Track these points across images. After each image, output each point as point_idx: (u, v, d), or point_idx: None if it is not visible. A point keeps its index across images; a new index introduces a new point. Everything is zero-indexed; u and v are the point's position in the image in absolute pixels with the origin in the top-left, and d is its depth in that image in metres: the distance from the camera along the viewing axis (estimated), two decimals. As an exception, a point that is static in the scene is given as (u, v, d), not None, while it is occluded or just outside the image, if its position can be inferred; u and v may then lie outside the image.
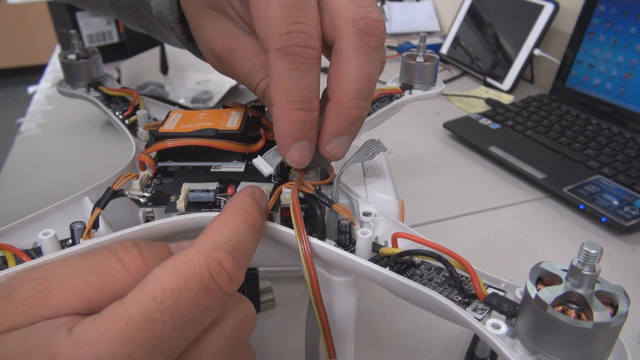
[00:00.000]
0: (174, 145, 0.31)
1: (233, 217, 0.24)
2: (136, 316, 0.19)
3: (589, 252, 0.20)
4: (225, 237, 0.23)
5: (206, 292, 0.20)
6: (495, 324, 0.23)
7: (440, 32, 1.23)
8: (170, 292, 0.20)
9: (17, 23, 2.73)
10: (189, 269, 0.20)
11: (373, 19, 0.26)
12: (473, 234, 0.57)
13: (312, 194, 0.29)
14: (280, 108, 0.25)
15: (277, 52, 0.25)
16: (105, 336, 0.18)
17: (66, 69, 0.47)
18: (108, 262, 0.22)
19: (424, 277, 0.27)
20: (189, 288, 0.20)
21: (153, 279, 0.20)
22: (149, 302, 0.19)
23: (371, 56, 0.26)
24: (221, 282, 0.21)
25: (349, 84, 0.26)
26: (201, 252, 0.21)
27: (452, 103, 0.90)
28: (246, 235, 0.24)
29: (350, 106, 0.26)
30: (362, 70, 0.26)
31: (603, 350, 0.21)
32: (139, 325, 0.19)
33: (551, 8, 0.89)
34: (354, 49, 0.26)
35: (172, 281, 0.20)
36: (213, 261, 0.21)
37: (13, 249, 0.27)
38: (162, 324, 0.19)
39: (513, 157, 0.68)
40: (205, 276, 0.21)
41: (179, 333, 0.20)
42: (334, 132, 0.27)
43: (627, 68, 0.77)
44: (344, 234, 0.29)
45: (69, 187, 0.34)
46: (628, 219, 0.55)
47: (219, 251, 0.22)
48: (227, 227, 0.23)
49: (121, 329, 0.18)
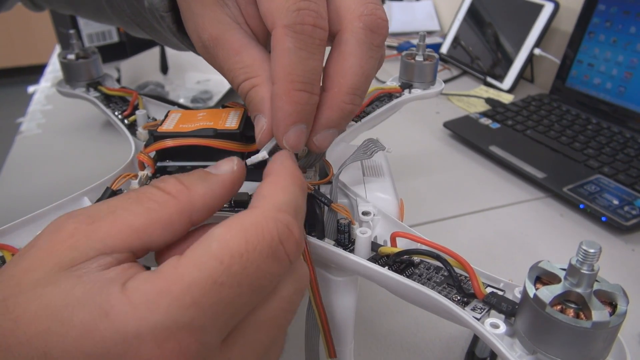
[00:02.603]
0: (173, 145, 0.31)
1: (286, 180, 0.23)
2: (200, 278, 0.17)
3: (587, 251, 0.20)
4: (287, 199, 0.21)
5: (274, 258, 0.19)
6: (494, 324, 0.23)
7: (440, 31, 1.23)
8: (239, 256, 0.18)
9: (17, 23, 2.73)
10: (258, 232, 0.19)
11: (380, 17, 0.26)
12: (473, 233, 0.57)
13: (311, 193, 0.29)
14: (283, 87, 0.24)
15: (284, 28, 0.24)
16: (165, 297, 0.17)
17: (65, 69, 0.47)
18: (149, 191, 0.21)
19: (423, 277, 0.27)
20: (258, 253, 0.19)
21: (218, 239, 0.19)
22: (216, 264, 0.18)
23: (373, 53, 0.26)
24: (289, 249, 0.20)
25: (348, 78, 0.25)
26: (268, 215, 0.20)
27: (452, 102, 0.90)
28: (302, 200, 0.23)
29: (347, 100, 0.26)
30: (363, 67, 0.26)
31: (602, 349, 0.21)
32: (203, 289, 0.17)
33: (551, 7, 0.89)
34: (358, 43, 0.25)
35: (241, 244, 0.19)
36: (282, 225, 0.20)
37: (12, 249, 0.27)
38: (228, 290, 0.18)
39: (513, 156, 0.68)
40: (275, 241, 0.19)
41: (244, 300, 0.19)
42: (325, 124, 0.26)
43: (627, 67, 0.77)
44: (343, 234, 0.29)
45: (68, 187, 0.34)
46: (628, 219, 0.55)
47: (286, 215, 0.20)
48: (285, 190, 0.22)
49: (183, 291, 0.17)
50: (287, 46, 0.24)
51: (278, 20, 0.24)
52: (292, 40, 0.24)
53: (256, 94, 0.27)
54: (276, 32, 0.24)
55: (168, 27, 0.34)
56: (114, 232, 0.19)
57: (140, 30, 0.41)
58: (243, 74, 0.27)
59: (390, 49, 1.15)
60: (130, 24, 0.41)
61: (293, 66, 0.24)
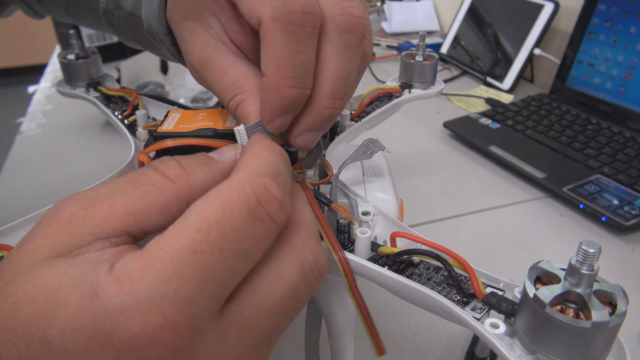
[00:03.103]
0: (172, 145, 0.31)
1: (263, 149, 0.22)
2: (181, 250, 0.17)
3: (587, 251, 0.20)
4: (264, 165, 0.21)
5: (254, 220, 0.19)
6: (494, 324, 0.23)
7: (440, 31, 1.23)
8: (216, 222, 0.18)
9: (17, 23, 2.73)
10: (234, 196, 0.19)
11: (353, 15, 0.24)
12: (473, 233, 0.57)
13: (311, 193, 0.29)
14: (273, 82, 0.24)
15: (272, 21, 0.23)
16: (148, 272, 0.17)
17: (65, 69, 0.47)
18: (148, 174, 0.21)
19: (423, 277, 0.27)
20: (236, 217, 0.18)
21: (195, 210, 0.19)
22: (194, 234, 0.18)
23: (350, 55, 0.25)
24: (270, 209, 0.19)
25: (325, 83, 0.25)
26: (244, 180, 0.20)
27: (452, 102, 0.90)
28: (282, 165, 0.22)
29: (325, 106, 0.25)
30: (340, 70, 0.25)
31: (602, 349, 0.21)
32: (185, 259, 0.17)
33: (551, 7, 0.89)
34: (333, 47, 0.24)
35: (217, 211, 0.18)
36: (259, 187, 0.19)
37: (12, 249, 0.27)
38: (209, 257, 0.18)
39: (513, 156, 0.68)
40: (252, 203, 0.19)
41: (229, 266, 0.18)
42: (305, 127, 0.26)
43: (627, 67, 0.77)
44: (342, 233, 0.29)
45: (68, 187, 0.34)
46: (628, 219, 0.55)
47: (263, 177, 0.20)
48: (261, 157, 0.22)
49: (165, 264, 0.17)
50: (277, 40, 0.23)
51: (264, 13, 0.23)
52: (281, 33, 0.23)
53: (242, 109, 0.27)
54: (264, 25, 0.23)
55: (167, 49, 0.34)
56: (110, 217, 0.19)
57: (139, 46, 0.41)
58: (231, 92, 0.27)
59: (390, 49, 1.15)
60: (129, 40, 0.41)
61: (283, 61, 0.23)
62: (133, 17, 0.37)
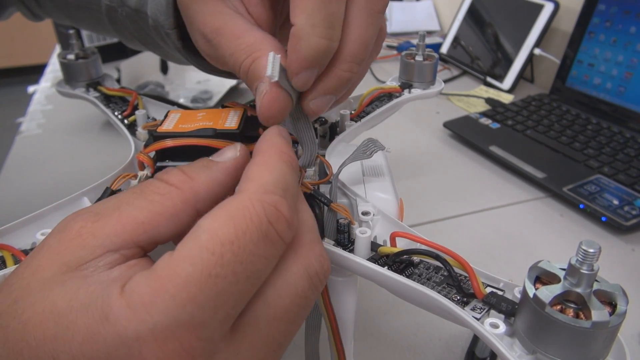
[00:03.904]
0: (172, 145, 0.31)
1: (272, 158, 0.22)
2: (194, 273, 0.17)
3: (587, 251, 0.20)
4: (273, 179, 0.21)
5: (266, 241, 0.19)
6: (494, 323, 0.23)
7: (440, 31, 1.23)
8: (230, 244, 0.18)
9: (17, 23, 2.73)
10: (245, 217, 0.19)
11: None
12: (473, 233, 0.57)
13: (311, 193, 0.29)
14: (303, 30, 0.23)
15: None
16: (161, 297, 0.17)
17: (65, 69, 0.47)
18: (153, 184, 0.21)
19: (423, 276, 0.27)
20: (249, 239, 0.18)
21: (207, 230, 0.18)
22: (208, 256, 0.17)
23: (373, 20, 0.25)
24: (280, 229, 0.19)
25: (348, 45, 0.24)
26: (254, 198, 0.19)
27: (452, 102, 0.90)
28: (290, 176, 0.22)
29: (344, 68, 0.25)
30: (362, 35, 0.24)
31: (602, 349, 0.21)
32: (199, 283, 0.17)
33: (551, 7, 0.89)
34: (359, 9, 0.24)
35: (230, 232, 0.18)
36: (269, 207, 0.19)
37: (12, 249, 0.27)
38: (224, 281, 0.17)
39: (513, 156, 0.68)
40: (264, 224, 0.19)
41: (242, 289, 0.18)
42: (322, 90, 0.26)
43: (627, 67, 0.77)
44: (342, 233, 0.29)
45: (68, 187, 0.34)
46: (628, 219, 0.55)
47: (273, 195, 0.20)
48: (270, 169, 0.21)
49: (179, 289, 0.17)
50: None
51: None
52: None
53: (257, 64, 0.26)
54: None
55: (173, 43, 0.33)
56: (119, 229, 0.19)
57: (141, 45, 0.41)
58: (245, 53, 0.26)
59: (390, 49, 1.15)
60: (131, 40, 0.41)
61: (314, 9, 0.23)
62: (138, 14, 0.36)
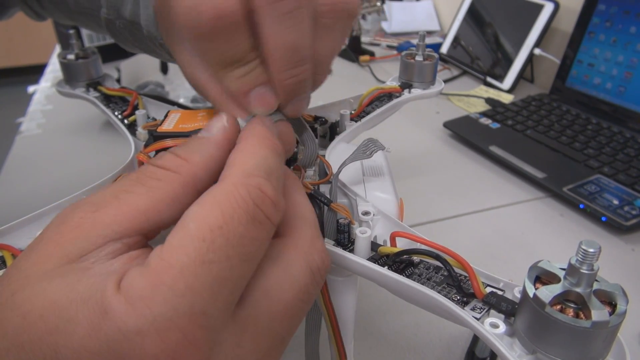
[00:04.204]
0: (172, 145, 0.31)
1: (253, 144, 0.22)
2: (189, 262, 0.17)
3: (587, 251, 0.20)
4: (255, 163, 0.21)
5: (255, 223, 0.19)
6: (494, 323, 0.23)
7: (440, 31, 1.23)
8: (219, 229, 0.18)
9: (17, 23, 2.73)
10: (231, 201, 0.19)
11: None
12: (473, 233, 0.57)
13: (311, 193, 0.29)
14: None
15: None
16: (159, 289, 0.17)
17: (65, 69, 0.47)
18: (149, 170, 0.21)
19: (423, 276, 0.27)
20: (237, 222, 0.18)
21: (194, 218, 0.18)
22: (199, 244, 0.18)
23: (288, 23, 0.23)
24: (267, 211, 0.19)
25: (272, 58, 0.24)
26: (238, 182, 0.20)
27: (452, 102, 0.90)
28: (273, 161, 0.22)
29: (283, 77, 0.24)
30: (281, 41, 0.23)
31: (602, 349, 0.21)
32: (194, 271, 0.17)
33: (551, 7, 0.89)
34: (266, 19, 0.23)
35: (218, 217, 0.18)
36: (253, 189, 0.19)
37: (12, 249, 0.27)
38: (218, 266, 0.17)
39: (513, 156, 0.68)
40: (250, 206, 0.19)
41: (237, 273, 0.18)
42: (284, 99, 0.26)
43: (627, 67, 0.77)
44: (342, 233, 0.29)
45: (68, 187, 0.34)
46: (628, 219, 0.55)
47: (256, 178, 0.20)
48: (252, 154, 0.21)
49: (176, 279, 0.17)
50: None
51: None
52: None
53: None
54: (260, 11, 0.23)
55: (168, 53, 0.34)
56: (120, 217, 0.19)
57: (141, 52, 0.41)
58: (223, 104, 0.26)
59: (390, 49, 1.15)
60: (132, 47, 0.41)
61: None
62: (133, 25, 0.37)
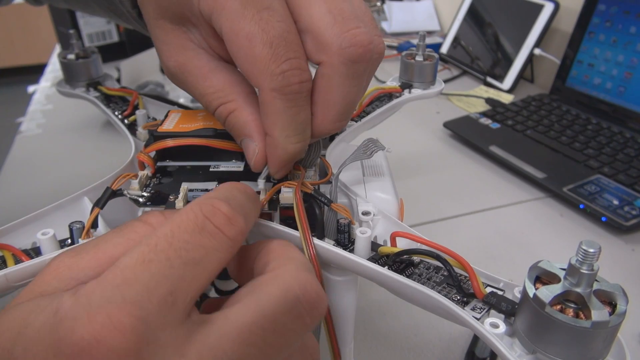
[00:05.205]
0: (173, 145, 0.31)
1: (224, 185, 0.24)
2: (130, 261, 0.19)
3: (587, 251, 0.20)
4: (217, 193, 0.22)
5: (202, 232, 0.20)
6: (494, 323, 0.23)
7: (440, 31, 1.23)
8: (164, 236, 0.20)
9: (17, 23, 2.73)
10: (182, 214, 0.21)
11: (361, 45, 0.24)
12: (473, 233, 0.57)
13: (311, 193, 0.29)
14: (279, 142, 0.26)
15: (272, 92, 0.24)
16: (100, 284, 0.18)
17: (65, 68, 0.47)
18: (132, 224, 0.23)
19: (423, 276, 0.27)
20: (183, 230, 0.20)
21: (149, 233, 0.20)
22: (144, 248, 0.19)
23: (357, 82, 0.26)
24: (217, 222, 0.21)
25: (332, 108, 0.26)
26: (193, 202, 0.21)
27: (452, 102, 0.90)
28: (240, 195, 0.23)
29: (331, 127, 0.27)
30: (346, 98, 0.26)
31: (602, 349, 0.21)
32: (133, 268, 0.18)
33: (551, 7, 0.89)
34: (340, 78, 0.25)
35: (166, 228, 0.20)
36: (205, 205, 0.21)
37: (12, 249, 0.27)
38: (157, 264, 0.19)
39: (513, 156, 0.68)
40: (199, 218, 0.20)
41: (177, 274, 0.19)
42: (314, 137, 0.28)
43: (627, 67, 0.77)
44: (342, 233, 0.29)
45: (68, 187, 0.34)
46: (628, 219, 0.55)
47: (212, 199, 0.21)
48: (219, 189, 0.24)
49: (115, 276, 0.18)
50: (278, 108, 0.25)
51: (264, 83, 0.24)
52: (281, 102, 0.24)
53: (236, 119, 0.27)
54: (264, 93, 0.25)
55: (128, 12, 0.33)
56: (93, 263, 0.21)
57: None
58: (216, 99, 0.27)
59: (390, 49, 1.15)
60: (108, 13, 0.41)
61: (285, 124, 0.25)
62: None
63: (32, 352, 0.17)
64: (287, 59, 0.24)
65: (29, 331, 0.18)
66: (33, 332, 0.18)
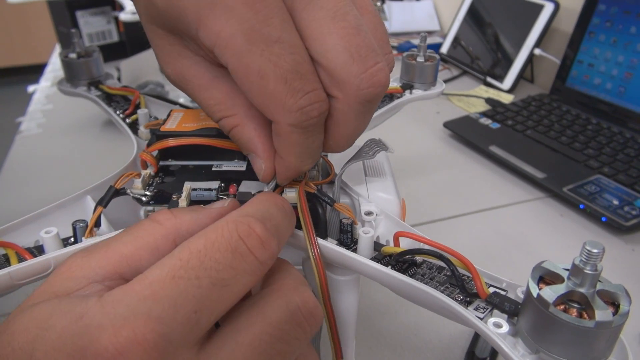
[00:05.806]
0: (175, 144, 0.31)
1: (261, 198, 0.24)
2: (160, 275, 0.19)
3: (591, 251, 0.20)
4: (255, 209, 0.22)
5: (234, 253, 0.20)
6: (497, 323, 0.23)
7: (441, 31, 1.23)
8: (197, 252, 0.20)
9: (17, 22, 2.73)
10: (217, 231, 0.20)
11: (379, 85, 0.23)
12: (473, 233, 0.57)
13: (314, 193, 0.29)
14: (293, 165, 0.26)
15: (290, 127, 0.23)
16: (128, 294, 0.18)
17: (67, 67, 0.47)
18: (142, 222, 0.23)
19: (426, 276, 0.27)
20: (216, 249, 0.20)
21: (181, 245, 0.20)
22: (175, 262, 0.19)
23: (370, 114, 0.25)
24: (251, 244, 0.21)
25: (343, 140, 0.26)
26: (230, 219, 0.21)
27: (452, 102, 0.90)
28: (277, 213, 0.23)
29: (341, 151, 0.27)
30: (357, 129, 0.26)
31: (604, 349, 0.21)
32: (162, 283, 0.19)
33: (551, 7, 0.89)
34: (355, 115, 0.24)
35: (200, 243, 0.20)
36: (242, 224, 0.21)
37: (15, 247, 0.27)
38: (186, 282, 0.19)
39: (513, 156, 0.68)
40: (233, 238, 0.20)
41: (205, 293, 0.19)
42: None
43: (627, 67, 0.77)
44: (345, 233, 0.29)
45: (70, 186, 0.34)
46: (628, 219, 0.55)
47: (249, 218, 0.21)
48: (257, 203, 0.23)
49: (144, 287, 0.19)
50: (294, 139, 0.24)
51: (280, 119, 0.23)
52: (299, 135, 0.24)
53: (241, 134, 0.26)
54: (279, 127, 0.24)
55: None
56: (104, 262, 0.21)
57: None
58: (218, 111, 0.26)
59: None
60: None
61: (301, 153, 0.25)
62: None
63: (53, 356, 0.17)
64: (305, 94, 0.22)
65: (50, 334, 0.18)
66: (55, 336, 0.18)
